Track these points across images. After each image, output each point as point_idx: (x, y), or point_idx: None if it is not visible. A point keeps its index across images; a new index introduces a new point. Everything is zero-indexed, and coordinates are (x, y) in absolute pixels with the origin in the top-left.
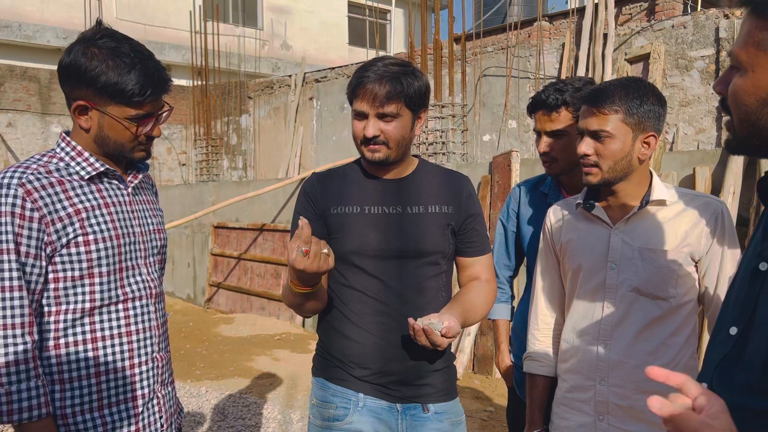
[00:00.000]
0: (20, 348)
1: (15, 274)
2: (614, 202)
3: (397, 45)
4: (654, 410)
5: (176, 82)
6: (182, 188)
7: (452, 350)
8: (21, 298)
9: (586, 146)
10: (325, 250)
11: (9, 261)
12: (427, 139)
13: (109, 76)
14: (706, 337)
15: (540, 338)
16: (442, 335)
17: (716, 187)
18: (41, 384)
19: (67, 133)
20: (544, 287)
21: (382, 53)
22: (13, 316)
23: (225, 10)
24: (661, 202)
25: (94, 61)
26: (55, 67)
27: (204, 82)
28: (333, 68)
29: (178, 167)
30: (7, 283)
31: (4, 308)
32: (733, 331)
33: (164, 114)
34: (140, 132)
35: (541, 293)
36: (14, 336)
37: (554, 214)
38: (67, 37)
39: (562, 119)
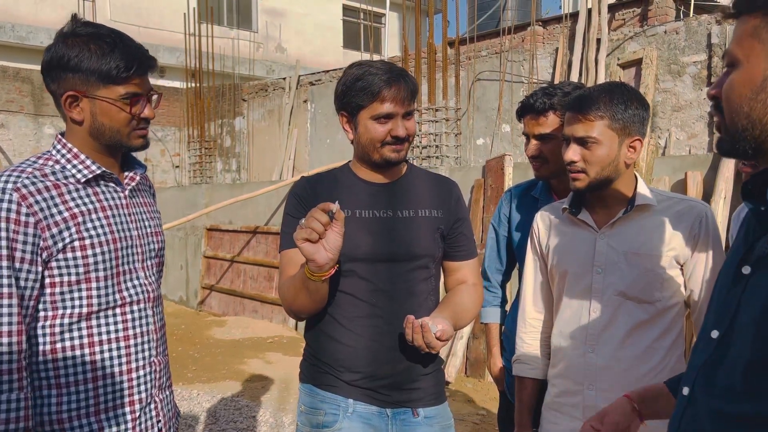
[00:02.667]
0: (5, 357)
1: (5, 281)
2: (600, 207)
3: (391, 49)
4: None
5: (170, 84)
6: (175, 190)
7: (443, 354)
8: (10, 305)
9: (572, 153)
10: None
11: (1, 267)
12: (420, 142)
13: (93, 59)
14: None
15: (528, 341)
16: (436, 338)
17: (708, 192)
18: (24, 397)
19: (63, 134)
20: (532, 290)
21: (376, 57)
22: (0, 324)
23: (219, 13)
24: (646, 207)
25: (75, 48)
26: None
27: (198, 85)
28: (327, 71)
29: (171, 169)
30: None
31: None
32: (714, 334)
33: (155, 97)
34: (134, 112)
35: (529, 296)
36: (0, 345)
37: (541, 219)
38: None
39: (550, 123)
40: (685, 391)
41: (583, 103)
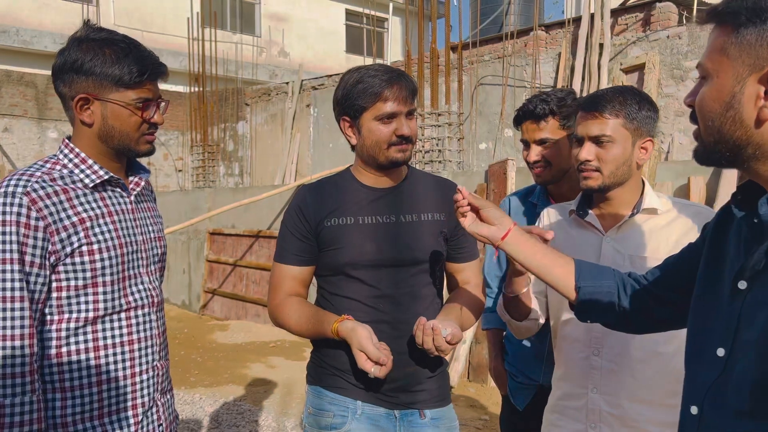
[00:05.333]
0: (18, 361)
1: (17, 284)
2: (607, 210)
3: (394, 53)
4: None
5: (173, 88)
6: (178, 194)
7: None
8: (22, 309)
9: (586, 152)
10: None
11: (12, 271)
12: (423, 146)
13: (107, 63)
14: None
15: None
16: (447, 342)
17: (711, 197)
18: (36, 399)
19: (69, 138)
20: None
21: (379, 61)
22: (13, 327)
23: (223, 17)
24: (653, 211)
25: (90, 52)
26: None
27: (201, 89)
28: (330, 76)
29: (174, 173)
30: (8, 294)
31: (4, 319)
32: (721, 352)
33: (163, 104)
34: (146, 117)
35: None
36: (13, 348)
37: (548, 218)
38: (65, 43)
39: (550, 127)
40: (694, 410)
41: (598, 102)
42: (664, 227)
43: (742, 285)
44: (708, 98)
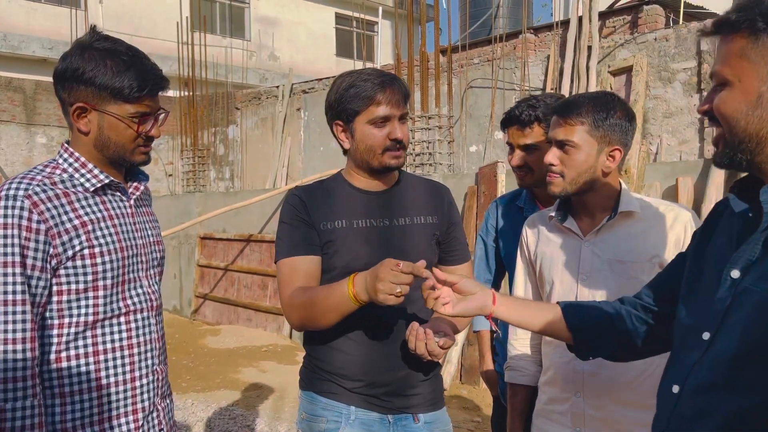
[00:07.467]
0: (19, 365)
1: (19, 287)
2: (585, 214)
3: (384, 57)
4: None
5: (163, 93)
6: (169, 199)
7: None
8: (24, 312)
9: (552, 156)
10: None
11: (14, 274)
12: (414, 150)
13: (108, 75)
14: None
15: (519, 347)
16: (440, 346)
17: (698, 198)
18: (37, 404)
19: (68, 142)
20: (523, 297)
21: (369, 65)
22: (14, 331)
23: (212, 21)
24: (630, 214)
25: (92, 62)
26: (40, 78)
27: (191, 93)
28: (320, 79)
29: (164, 178)
30: (10, 297)
31: (5, 322)
32: (706, 336)
33: (162, 116)
34: (141, 131)
35: None
36: (14, 351)
37: (529, 226)
38: (53, 47)
39: (535, 134)
40: (675, 389)
41: (566, 108)
42: (642, 230)
43: (735, 274)
44: (732, 101)
